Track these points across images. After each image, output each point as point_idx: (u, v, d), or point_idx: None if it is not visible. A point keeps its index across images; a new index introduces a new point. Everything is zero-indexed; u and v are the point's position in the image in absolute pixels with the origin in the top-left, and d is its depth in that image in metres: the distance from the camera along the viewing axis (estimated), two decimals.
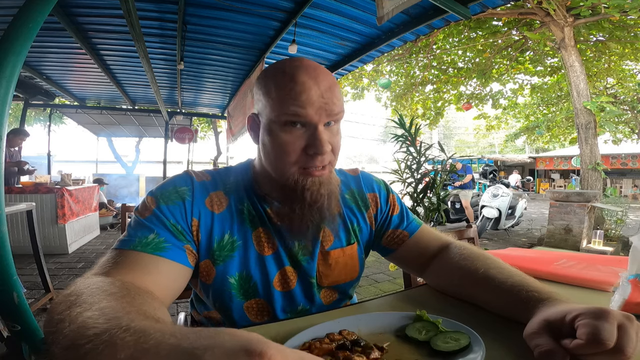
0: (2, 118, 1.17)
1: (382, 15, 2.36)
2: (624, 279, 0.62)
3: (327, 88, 0.60)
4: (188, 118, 8.64)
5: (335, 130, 0.64)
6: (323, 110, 0.59)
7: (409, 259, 0.80)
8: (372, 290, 3.19)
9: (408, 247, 0.79)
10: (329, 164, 0.64)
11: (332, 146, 0.63)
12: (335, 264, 0.74)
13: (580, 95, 5.89)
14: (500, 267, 0.65)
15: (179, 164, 13.51)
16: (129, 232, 0.61)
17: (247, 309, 0.71)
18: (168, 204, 0.64)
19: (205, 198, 0.68)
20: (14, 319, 1.17)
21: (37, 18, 1.23)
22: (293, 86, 0.58)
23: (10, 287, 1.17)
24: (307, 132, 0.60)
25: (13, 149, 4.47)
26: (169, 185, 0.68)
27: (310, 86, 0.58)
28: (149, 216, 0.63)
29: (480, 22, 6.99)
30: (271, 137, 0.62)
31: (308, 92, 0.58)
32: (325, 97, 0.59)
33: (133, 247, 0.58)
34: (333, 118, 0.62)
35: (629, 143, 12.98)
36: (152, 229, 0.61)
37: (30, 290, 2.75)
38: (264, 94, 0.62)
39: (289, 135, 0.60)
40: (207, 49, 4.32)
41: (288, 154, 0.61)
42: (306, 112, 0.58)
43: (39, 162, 6.50)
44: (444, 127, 35.30)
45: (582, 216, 4.50)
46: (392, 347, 0.48)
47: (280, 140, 0.61)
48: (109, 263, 0.56)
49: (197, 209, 0.66)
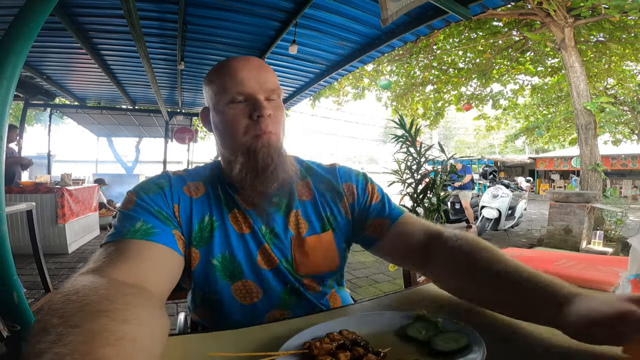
0: (3, 118, 1.17)
1: (387, 17, 2.36)
2: (624, 279, 0.62)
3: (258, 69, 0.69)
4: (188, 118, 8.65)
5: (275, 105, 0.70)
6: (259, 85, 0.68)
7: (393, 248, 0.77)
8: (372, 290, 3.19)
9: (391, 235, 0.76)
10: (276, 133, 0.69)
11: (275, 117, 0.69)
12: (311, 251, 0.74)
13: (580, 95, 5.89)
14: (507, 261, 0.59)
15: (178, 163, 13.51)
16: (116, 226, 0.62)
17: (235, 292, 0.71)
18: (149, 194, 0.67)
19: (183, 186, 0.72)
20: (14, 318, 1.17)
21: (38, 18, 1.23)
22: (229, 72, 0.68)
23: (10, 287, 1.17)
24: (249, 104, 0.68)
25: (10, 147, 4.47)
26: (148, 181, 0.72)
27: (243, 67, 0.68)
28: (132, 207, 0.64)
29: (480, 22, 6.99)
30: (220, 117, 0.70)
31: (242, 72, 0.68)
32: (258, 75, 0.68)
33: (122, 237, 0.59)
34: (270, 93, 0.69)
35: (628, 144, 12.98)
36: (137, 218, 0.62)
37: (30, 290, 2.75)
38: (210, 87, 0.71)
39: (234, 110, 0.68)
40: (207, 49, 4.33)
41: (237, 125, 0.68)
42: (244, 87, 0.67)
43: (39, 162, 6.50)
44: (444, 128, 35.29)
45: (582, 217, 4.49)
46: (393, 347, 0.48)
47: (228, 117, 0.68)
48: (102, 258, 0.55)
49: (176, 195, 0.70)
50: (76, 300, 0.41)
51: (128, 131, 9.89)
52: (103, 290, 0.44)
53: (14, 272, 1.19)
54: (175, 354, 0.45)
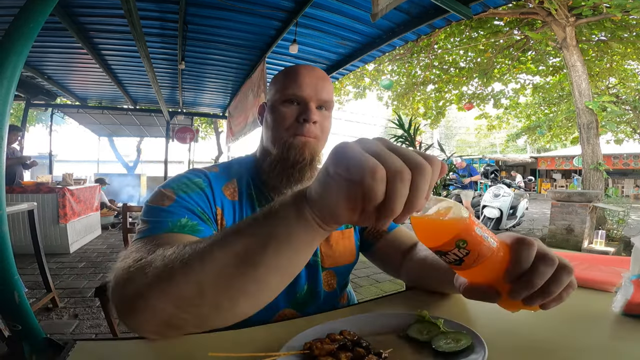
0: (4, 118, 1.17)
1: (377, 12, 2.37)
2: (627, 279, 0.61)
3: (319, 78, 0.74)
4: (189, 118, 8.66)
5: (325, 115, 0.76)
6: (314, 93, 0.73)
7: (384, 254, 0.84)
8: (373, 290, 3.19)
9: (386, 242, 0.83)
10: (316, 138, 0.73)
11: (321, 125, 0.74)
12: (336, 244, 0.80)
13: (582, 95, 5.87)
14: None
15: (180, 163, 13.53)
16: (154, 221, 0.59)
17: None
18: (188, 193, 0.66)
19: (222, 187, 0.73)
20: (15, 318, 1.17)
21: (38, 18, 1.23)
22: (293, 75, 0.74)
23: (11, 287, 1.17)
24: (300, 107, 0.73)
25: (12, 147, 4.48)
26: (182, 178, 0.70)
27: (305, 75, 0.74)
28: (172, 204, 0.62)
29: (481, 21, 6.97)
30: (273, 113, 0.75)
31: (303, 78, 0.73)
32: (316, 84, 0.73)
33: (169, 230, 0.57)
34: (322, 103, 0.74)
35: (631, 143, 12.93)
36: (181, 214, 0.61)
37: (32, 290, 2.76)
38: (273, 85, 0.77)
39: (286, 109, 0.73)
40: (208, 49, 4.33)
41: (284, 121, 0.73)
42: (300, 91, 0.72)
43: (41, 162, 6.51)
44: (445, 127, 35.24)
45: (584, 216, 4.48)
46: (393, 348, 0.48)
47: (279, 113, 0.73)
48: (148, 247, 0.51)
49: (218, 199, 0.71)
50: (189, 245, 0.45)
51: (129, 131, 9.91)
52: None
53: (15, 272, 1.19)
54: (176, 354, 0.45)
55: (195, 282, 0.42)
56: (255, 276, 0.41)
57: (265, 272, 0.41)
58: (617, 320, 0.58)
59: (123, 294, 0.45)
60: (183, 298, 0.42)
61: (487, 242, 0.39)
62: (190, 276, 0.42)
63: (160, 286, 0.43)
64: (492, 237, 0.40)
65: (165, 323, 0.44)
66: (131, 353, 0.44)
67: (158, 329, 0.45)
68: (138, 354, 0.44)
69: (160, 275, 0.43)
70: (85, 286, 3.01)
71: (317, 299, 0.77)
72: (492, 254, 0.39)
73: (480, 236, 0.38)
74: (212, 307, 0.43)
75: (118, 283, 0.46)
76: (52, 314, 2.43)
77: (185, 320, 0.44)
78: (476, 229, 0.38)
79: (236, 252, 0.41)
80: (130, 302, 0.44)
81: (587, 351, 0.47)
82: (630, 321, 0.57)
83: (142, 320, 0.45)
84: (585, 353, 0.47)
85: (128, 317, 0.45)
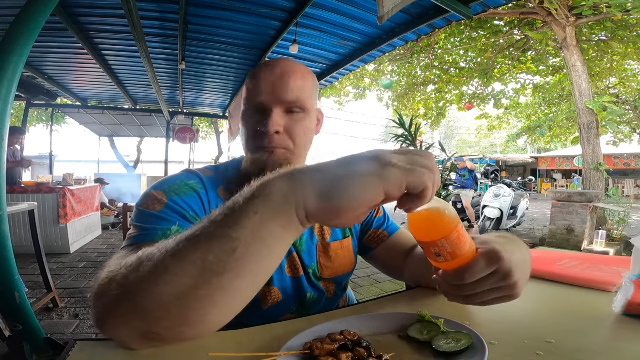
0: (4, 118, 1.17)
1: (383, 15, 2.36)
2: (627, 280, 0.61)
3: (283, 75, 0.65)
4: (189, 118, 8.66)
5: (297, 118, 0.67)
6: (274, 96, 0.65)
7: (386, 258, 0.84)
8: (374, 290, 3.19)
9: (387, 246, 0.83)
10: (285, 148, 0.66)
11: (290, 132, 0.66)
12: (335, 256, 0.78)
13: (583, 95, 5.87)
14: None
15: (180, 163, 13.54)
16: (143, 227, 0.57)
17: (259, 297, 0.69)
18: (181, 196, 0.62)
19: (217, 190, 0.69)
20: (16, 318, 1.17)
21: (39, 18, 1.23)
22: (254, 77, 0.67)
23: (12, 287, 1.17)
24: (261, 115, 0.66)
25: (13, 147, 4.49)
26: (175, 179, 0.66)
27: (264, 75, 0.66)
28: (163, 209, 0.59)
29: (481, 21, 6.97)
30: (241, 121, 0.71)
31: (261, 80, 0.66)
32: (279, 83, 0.65)
33: (157, 240, 0.54)
34: (286, 105, 0.65)
35: (632, 143, 12.91)
36: (172, 221, 0.58)
37: (32, 290, 2.76)
38: (244, 87, 0.72)
39: (248, 118, 0.68)
40: (208, 49, 4.33)
41: (246, 132, 0.68)
42: (259, 96, 0.65)
43: (41, 162, 6.52)
44: (445, 127, 35.22)
45: (585, 216, 4.48)
46: (394, 348, 0.48)
47: (243, 123, 0.70)
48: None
49: (214, 202, 0.66)
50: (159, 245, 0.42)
51: (130, 131, 9.91)
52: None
53: (16, 272, 1.19)
54: (176, 354, 0.45)
55: (155, 296, 0.38)
56: (220, 284, 0.37)
57: (233, 279, 0.37)
58: (617, 320, 0.58)
59: (96, 309, 0.43)
60: (147, 313, 0.39)
61: (462, 244, 0.46)
62: (149, 291, 0.38)
63: (122, 303, 0.40)
64: (469, 241, 0.47)
65: (143, 337, 0.41)
66: (131, 353, 0.44)
67: (138, 342, 0.43)
68: (138, 355, 0.44)
69: (122, 290, 0.40)
70: (85, 286, 3.01)
71: (318, 304, 0.78)
72: (463, 255, 0.46)
73: (459, 238, 0.45)
74: (182, 321, 0.39)
75: (93, 297, 0.44)
76: (52, 314, 2.43)
77: (159, 334, 0.41)
78: (461, 231, 0.45)
79: (193, 260, 0.37)
80: (102, 318, 0.42)
81: (588, 351, 0.47)
82: (631, 321, 0.57)
83: (119, 336, 0.42)
84: (585, 353, 0.47)
85: (106, 333, 0.42)
